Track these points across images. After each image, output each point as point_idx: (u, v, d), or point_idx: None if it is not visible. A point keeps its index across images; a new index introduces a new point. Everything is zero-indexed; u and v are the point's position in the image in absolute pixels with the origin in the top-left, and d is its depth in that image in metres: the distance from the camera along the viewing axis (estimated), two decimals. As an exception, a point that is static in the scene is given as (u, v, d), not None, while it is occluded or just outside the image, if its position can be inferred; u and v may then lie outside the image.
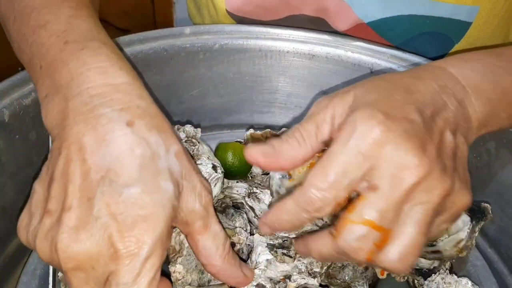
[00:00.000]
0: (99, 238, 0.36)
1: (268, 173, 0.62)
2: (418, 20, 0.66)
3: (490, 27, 0.67)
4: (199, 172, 0.43)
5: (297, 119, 0.72)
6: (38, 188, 0.40)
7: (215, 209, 0.58)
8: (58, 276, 0.53)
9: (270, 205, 0.52)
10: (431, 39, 0.69)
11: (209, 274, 0.52)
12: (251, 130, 0.60)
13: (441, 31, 0.68)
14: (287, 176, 0.53)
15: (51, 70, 0.43)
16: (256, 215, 0.54)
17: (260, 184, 0.60)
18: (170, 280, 0.50)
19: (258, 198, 0.54)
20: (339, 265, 0.54)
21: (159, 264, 0.37)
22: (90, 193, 0.37)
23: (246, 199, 0.54)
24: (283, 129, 0.60)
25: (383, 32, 0.68)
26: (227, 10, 0.71)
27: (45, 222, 0.38)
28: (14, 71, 0.57)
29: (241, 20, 0.71)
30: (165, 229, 0.37)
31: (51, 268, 0.50)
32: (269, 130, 0.60)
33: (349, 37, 0.68)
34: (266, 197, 0.55)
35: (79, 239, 0.36)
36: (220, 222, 0.45)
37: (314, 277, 0.51)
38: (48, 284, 0.50)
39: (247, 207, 0.55)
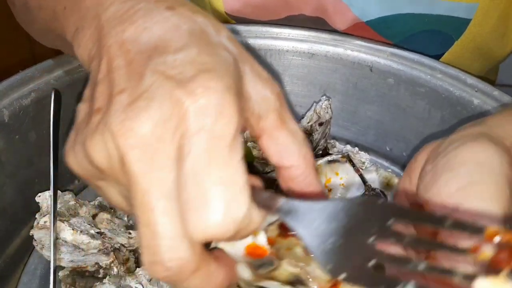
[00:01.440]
0: (160, 100, 0.29)
1: (268, 172, 0.62)
2: (416, 18, 0.66)
3: (489, 23, 0.66)
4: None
5: (297, 119, 0.72)
6: (83, 106, 0.34)
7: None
8: (58, 275, 0.53)
9: None
10: (430, 37, 0.68)
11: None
12: (251, 129, 0.60)
13: (440, 29, 0.67)
14: None
15: (77, 4, 0.39)
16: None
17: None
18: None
19: None
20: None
21: (237, 119, 0.29)
22: (140, 69, 0.31)
23: None
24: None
25: (382, 30, 0.68)
26: (226, 12, 0.71)
27: (93, 121, 0.31)
28: (13, 71, 0.57)
29: (240, 21, 0.71)
30: (234, 85, 0.31)
31: (51, 267, 0.50)
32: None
33: (349, 35, 0.68)
34: None
35: (136, 108, 0.29)
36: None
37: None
38: (48, 284, 0.50)
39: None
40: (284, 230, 0.37)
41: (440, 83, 0.63)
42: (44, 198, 0.54)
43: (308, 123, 0.61)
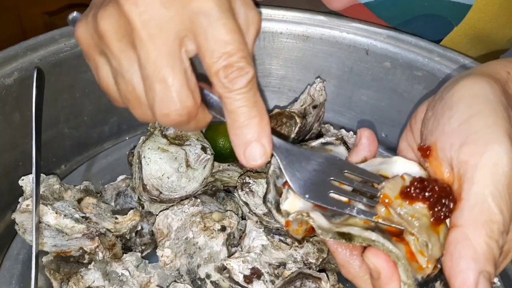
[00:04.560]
0: None
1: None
2: (416, 1, 0.64)
3: (491, 10, 0.65)
4: None
5: (291, 104, 0.71)
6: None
7: (205, 192, 0.56)
8: (42, 261, 0.51)
9: (264, 199, 0.50)
10: (429, 22, 0.67)
11: (198, 258, 0.50)
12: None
13: (440, 14, 0.66)
14: None
15: None
16: (250, 210, 0.52)
17: (251, 169, 0.58)
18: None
19: (252, 191, 0.52)
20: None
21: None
22: None
23: (240, 192, 0.52)
24: (276, 110, 0.58)
25: (380, 13, 0.66)
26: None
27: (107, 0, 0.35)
28: (1, 47, 0.55)
29: None
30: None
31: (33, 251, 0.48)
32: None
33: (344, 18, 0.66)
34: (260, 188, 0.53)
35: None
36: None
37: (309, 268, 0.50)
38: (31, 268, 0.48)
39: (240, 202, 0.53)
40: (410, 195, 0.36)
41: (438, 66, 0.61)
42: (28, 182, 0.52)
43: (302, 106, 0.59)
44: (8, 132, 0.56)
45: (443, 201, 0.36)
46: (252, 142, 0.35)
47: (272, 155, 0.37)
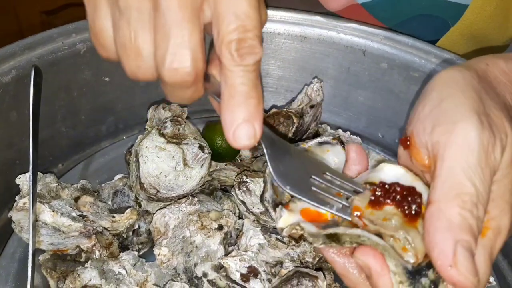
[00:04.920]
0: None
1: (257, 157, 0.60)
2: (413, 2, 0.65)
3: (487, 10, 0.65)
4: None
5: (288, 104, 0.71)
6: None
7: (203, 191, 0.56)
8: (38, 259, 0.51)
9: (261, 198, 0.50)
10: (426, 22, 0.67)
11: (195, 257, 0.50)
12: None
13: (436, 14, 0.66)
14: None
15: None
16: (247, 209, 0.52)
17: (249, 168, 0.58)
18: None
19: (249, 190, 0.52)
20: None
21: None
22: None
23: (237, 191, 0.53)
24: (273, 109, 0.58)
25: (377, 13, 0.66)
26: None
27: None
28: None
29: None
30: None
31: (30, 250, 0.48)
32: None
33: (342, 19, 0.66)
34: (257, 187, 0.53)
35: None
36: None
37: (306, 267, 0.50)
38: (27, 267, 0.48)
39: (238, 201, 0.53)
40: (377, 202, 0.38)
41: (434, 67, 0.62)
42: (25, 180, 0.53)
43: (299, 106, 0.59)
44: (5, 131, 0.56)
45: (409, 198, 0.37)
46: (245, 121, 0.34)
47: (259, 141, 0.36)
